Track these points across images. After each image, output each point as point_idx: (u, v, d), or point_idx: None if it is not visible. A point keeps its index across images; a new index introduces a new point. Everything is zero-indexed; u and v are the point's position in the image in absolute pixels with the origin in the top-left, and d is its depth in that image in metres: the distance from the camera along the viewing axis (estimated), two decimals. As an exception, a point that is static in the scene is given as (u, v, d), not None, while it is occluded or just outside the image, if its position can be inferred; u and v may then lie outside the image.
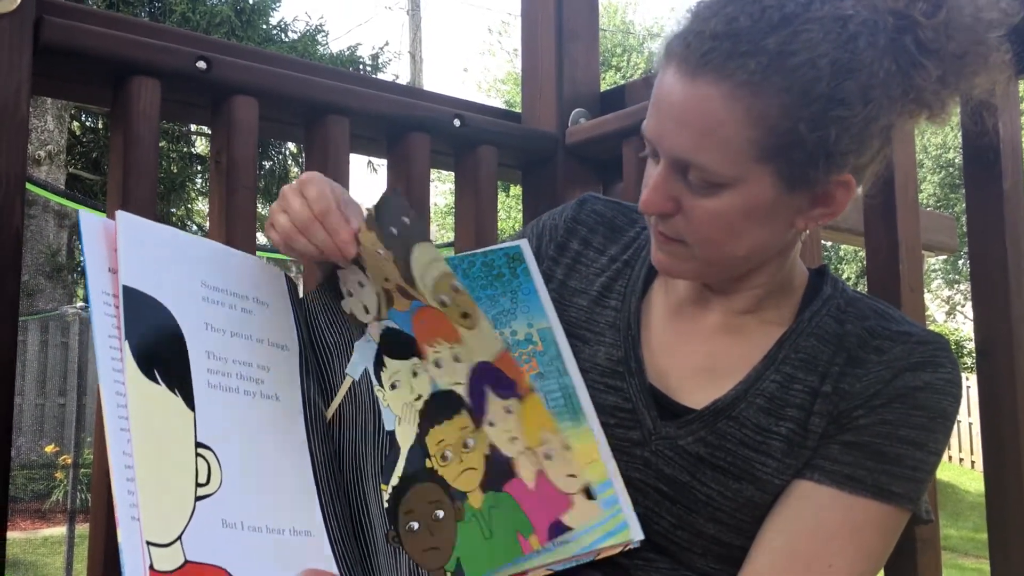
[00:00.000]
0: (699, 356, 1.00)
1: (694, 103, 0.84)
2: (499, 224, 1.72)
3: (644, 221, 1.11)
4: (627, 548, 0.91)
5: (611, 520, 0.91)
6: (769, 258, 0.96)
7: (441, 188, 21.26)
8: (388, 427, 0.95)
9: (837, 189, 0.89)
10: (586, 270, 1.09)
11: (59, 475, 7.82)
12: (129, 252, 0.89)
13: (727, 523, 0.92)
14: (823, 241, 1.65)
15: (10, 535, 6.57)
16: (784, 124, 0.83)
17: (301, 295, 1.07)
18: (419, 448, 0.93)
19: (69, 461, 6.71)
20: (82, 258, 0.89)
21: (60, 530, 6.81)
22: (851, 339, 0.95)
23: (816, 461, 0.91)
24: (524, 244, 1.10)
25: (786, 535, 0.90)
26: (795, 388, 0.94)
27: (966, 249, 1.20)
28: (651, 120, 0.90)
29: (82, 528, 5.86)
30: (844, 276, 16.97)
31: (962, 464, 11.50)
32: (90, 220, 0.91)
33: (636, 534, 0.91)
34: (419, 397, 0.94)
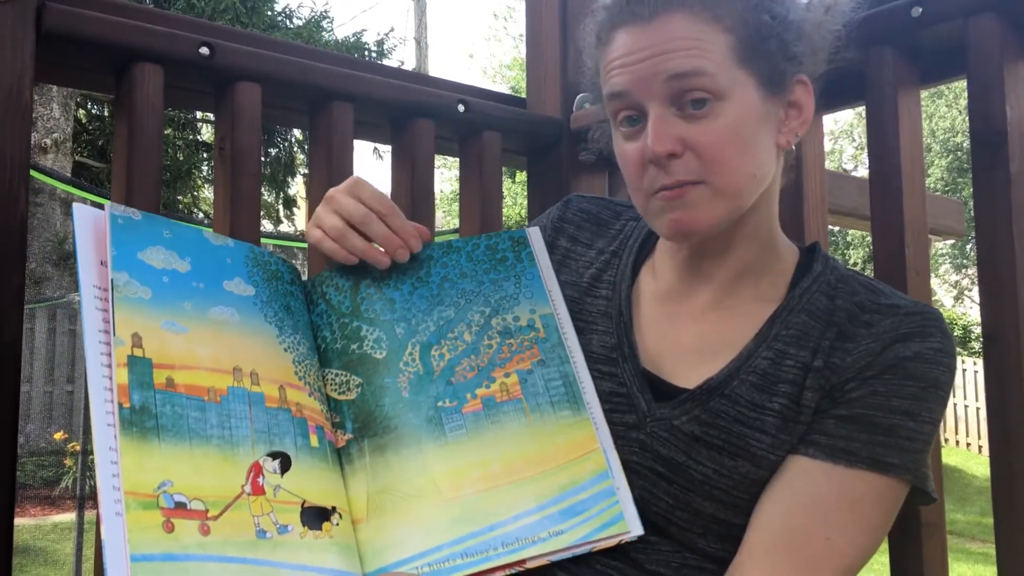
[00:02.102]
0: (691, 337, 1.01)
1: (664, 34, 0.91)
2: (505, 210, 1.72)
3: (629, 214, 1.14)
4: (623, 540, 0.92)
5: (606, 512, 0.92)
6: (763, 189, 0.98)
7: (447, 175, 21.25)
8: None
9: (801, 92, 0.98)
10: (575, 264, 1.11)
11: (68, 462, 7.86)
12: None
13: (724, 501, 0.92)
14: (830, 226, 1.65)
15: (20, 521, 6.63)
16: (750, 18, 0.92)
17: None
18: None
19: (78, 448, 6.75)
20: (74, 250, 0.89)
21: (69, 516, 6.86)
22: (841, 314, 0.96)
23: (810, 436, 0.92)
24: (533, 230, 1.10)
25: (783, 511, 0.90)
26: (787, 364, 0.95)
27: (974, 234, 1.19)
28: (620, 80, 0.93)
29: (91, 514, 5.90)
30: (851, 261, 16.94)
31: (969, 449, 11.50)
32: (83, 212, 0.90)
33: (633, 527, 0.92)
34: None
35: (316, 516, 0.88)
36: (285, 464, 0.89)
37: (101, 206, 0.93)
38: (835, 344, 0.94)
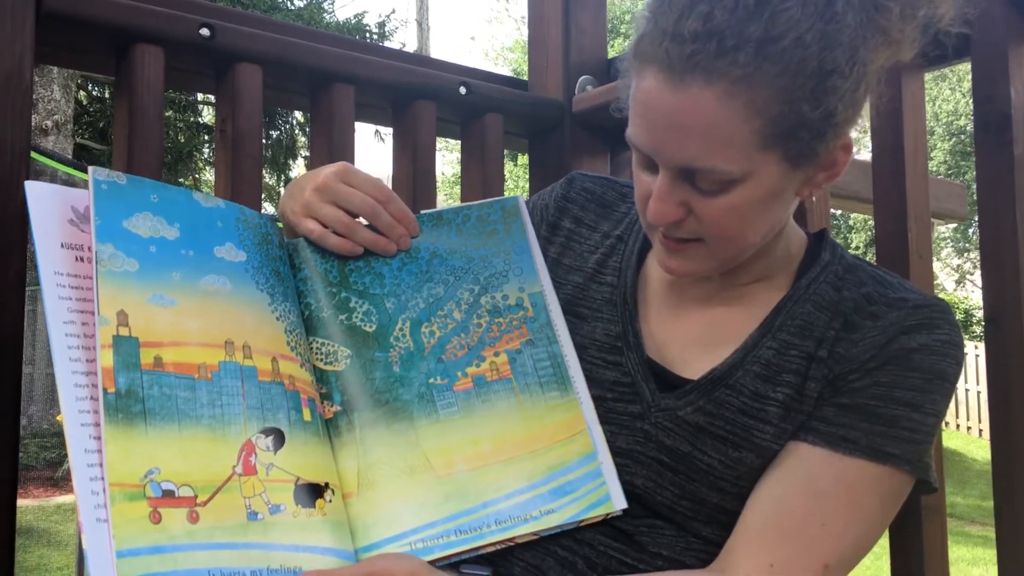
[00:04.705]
0: (696, 327, 1.00)
1: (689, 109, 0.81)
2: (506, 193, 1.72)
3: (634, 195, 1.11)
4: (609, 517, 0.93)
5: (594, 492, 0.93)
6: (758, 246, 0.95)
7: (449, 157, 21.20)
8: None
9: (839, 153, 0.89)
10: (579, 247, 1.09)
11: (71, 443, 7.89)
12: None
13: (729, 492, 0.92)
14: (832, 209, 1.64)
15: (23, 503, 6.65)
16: (785, 108, 0.81)
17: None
18: None
19: (80, 430, 6.77)
20: (30, 234, 0.81)
21: (72, 498, 6.86)
22: (848, 304, 0.95)
23: (811, 423, 0.92)
24: (521, 199, 1.09)
25: (778, 495, 0.90)
26: (791, 354, 0.94)
27: (977, 217, 1.19)
28: (640, 131, 0.87)
29: (94, 496, 5.91)
30: (853, 245, 16.92)
31: (969, 432, 11.51)
32: (38, 190, 0.85)
33: (619, 504, 0.93)
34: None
35: (309, 493, 0.86)
36: (279, 441, 0.86)
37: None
38: (840, 335, 0.94)
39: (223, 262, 0.92)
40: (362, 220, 1.03)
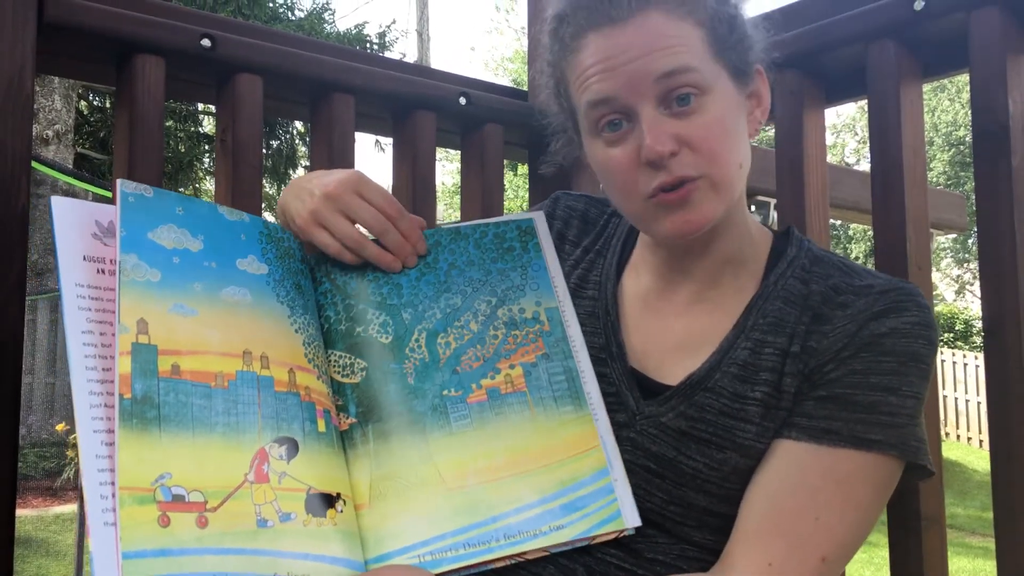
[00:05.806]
0: (675, 334, 1.02)
1: (646, 32, 0.90)
2: (506, 203, 1.72)
3: (612, 209, 1.15)
4: (622, 535, 0.93)
5: (605, 509, 0.93)
6: (742, 182, 0.99)
7: (449, 167, 21.23)
8: None
9: (760, 82, 0.99)
10: (563, 264, 1.11)
11: (70, 453, 7.86)
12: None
13: (716, 494, 0.93)
14: (832, 220, 1.65)
15: (22, 513, 6.64)
16: (718, 11, 0.93)
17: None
18: None
19: (79, 439, 6.75)
20: (54, 247, 0.84)
21: (71, 508, 6.87)
22: (816, 298, 0.97)
23: (793, 419, 0.92)
24: (538, 217, 1.10)
25: (770, 494, 0.91)
26: (766, 352, 0.95)
27: (976, 228, 1.19)
28: (606, 82, 0.91)
29: (93, 506, 5.88)
30: (853, 255, 16.93)
31: (969, 443, 11.49)
32: (64, 205, 0.87)
33: (631, 521, 0.92)
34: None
35: (321, 503, 0.87)
36: (292, 450, 0.87)
37: (101, 198, 0.90)
38: (811, 328, 0.95)
39: (245, 274, 0.93)
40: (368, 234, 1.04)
